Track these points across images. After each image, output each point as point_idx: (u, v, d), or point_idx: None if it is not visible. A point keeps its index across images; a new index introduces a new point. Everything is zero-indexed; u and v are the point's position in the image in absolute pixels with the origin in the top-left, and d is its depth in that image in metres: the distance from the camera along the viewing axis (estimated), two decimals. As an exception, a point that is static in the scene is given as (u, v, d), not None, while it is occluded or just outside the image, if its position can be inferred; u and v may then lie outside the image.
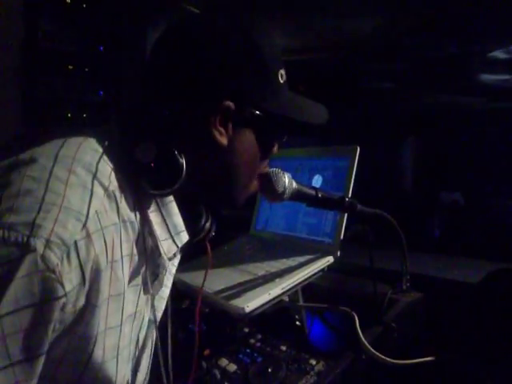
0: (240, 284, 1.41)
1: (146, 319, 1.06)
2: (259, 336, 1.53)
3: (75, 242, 0.78)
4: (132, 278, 0.94)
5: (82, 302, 0.81)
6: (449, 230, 2.79)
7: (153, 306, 1.06)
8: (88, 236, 0.80)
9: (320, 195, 1.30)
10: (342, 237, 1.49)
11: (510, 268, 1.52)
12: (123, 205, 0.90)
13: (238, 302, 1.31)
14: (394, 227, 1.49)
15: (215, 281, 1.45)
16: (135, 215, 0.94)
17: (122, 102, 3.45)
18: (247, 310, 1.27)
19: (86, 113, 3.40)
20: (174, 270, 1.13)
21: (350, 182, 1.51)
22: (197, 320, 1.14)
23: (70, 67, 3.47)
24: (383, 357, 1.31)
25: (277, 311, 1.57)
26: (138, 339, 1.05)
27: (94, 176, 0.86)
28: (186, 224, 1.04)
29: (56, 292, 0.75)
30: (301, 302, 1.58)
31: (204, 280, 1.18)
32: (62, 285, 0.75)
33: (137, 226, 0.94)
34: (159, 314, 1.11)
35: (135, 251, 0.94)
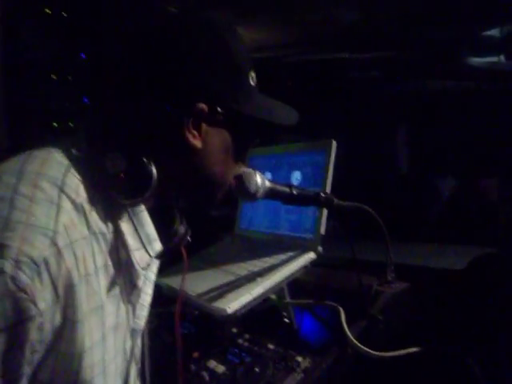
0: (223, 285, 1.41)
1: (129, 329, 1.05)
2: (247, 336, 1.53)
3: (45, 259, 0.76)
4: (109, 289, 0.93)
5: (58, 318, 0.80)
6: (433, 217, 2.79)
7: (134, 315, 1.05)
8: (58, 252, 0.79)
9: (295, 192, 1.30)
10: (322, 232, 1.49)
11: (493, 252, 1.52)
12: (93, 217, 0.89)
13: (220, 304, 1.31)
14: (375, 219, 1.49)
15: (199, 283, 1.45)
16: (107, 226, 0.92)
17: (88, 109, 3.44)
18: (229, 311, 1.28)
19: (72, 121, 3.40)
20: (153, 277, 1.11)
21: (327, 177, 1.50)
22: (176, 323, 1.13)
23: (53, 76, 3.47)
24: (368, 350, 1.31)
25: (264, 309, 1.57)
26: (124, 351, 1.03)
27: (61, 190, 0.85)
28: (160, 231, 1.03)
29: (29, 312, 0.74)
30: (287, 299, 1.58)
31: (182, 285, 1.17)
32: (35, 304, 0.74)
33: (109, 236, 0.93)
34: (142, 322, 1.10)
35: (109, 262, 0.93)
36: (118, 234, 0.95)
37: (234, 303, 1.29)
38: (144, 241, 0.98)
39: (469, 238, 1.92)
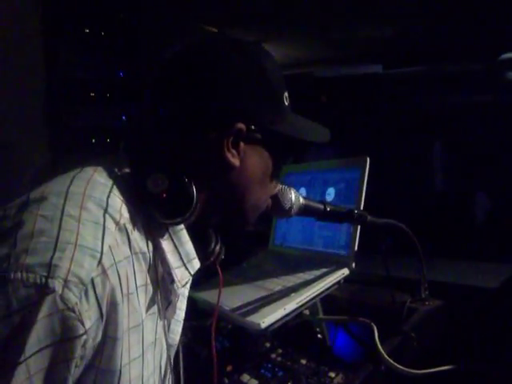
0: (257, 300, 1.43)
1: (165, 345, 1.07)
2: (280, 350, 1.54)
3: (92, 280, 0.79)
4: (149, 307, 0.96)
5: (99, 335, 0.82)
6: (468, 233, 2.76)
7: (169, 330, 1.08)
8: (103, 272, 0.81)
9: (328, 209, 1.32)
10: (356, 248, 1.50)
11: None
12: (134, 236, 0.91)
13: (254, 318, 1.33)
14: (409, 236, 1.50)
15: (233, 298, 1.47)
16: (147, 245, 0.95)
17: (130, 129, 3.51)
18: (263, 325, 1.29)
19: (110, 138, 3.47)
20: (186, 293, 1.13)
21: (361, 193, 1.52)
22: (212, 337, 1.15)
23: (92, 94, 3.55)
24: (401, 367, 1.31)
25: (298, 325, 1.59)
26: (160, 366, 1.06)
27: (105, 211, 0.87)
28: (196, 249, 1.04)
29: (77, 330, 0.76)
30: (321, 315, 1.59)
31: (218, 300, 1.19)
32: (82, 323, 0.77)
33: (148, 255, 0.95)
34: (177, 337, 1.13)
35: (149, 281, 0.95)
36: (157, 252, 0.97)
37: (268, 318, 1.31)
38: (184, 259, 1.00)
39: (504, 255, 1.90)
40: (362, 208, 1.50)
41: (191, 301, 1.48)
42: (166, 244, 0.98)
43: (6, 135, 2.98)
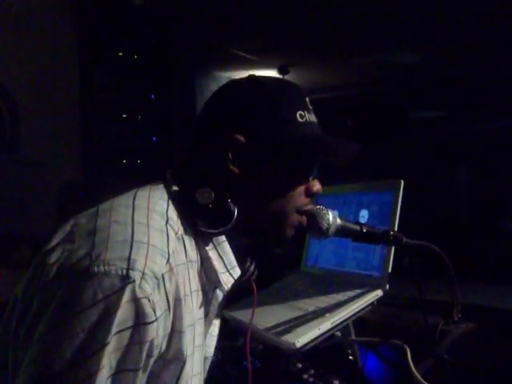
0: (290, 320, 1.45)
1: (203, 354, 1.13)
2: (312, 371, 1.55)
3: (162, 275, 0.90)
4: (198, 311, 1.05)
5: (168, 327, 0.92)
6: (501, 258, 2.75)
7: (205, 343, 1.15)
8: (171, 270, 0.92)
9: (365, 230, 1.34)
10: (390, 270, 1.51)
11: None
12: (188, 246, 1.02)
13: (288, 338, 1.35)
14: (443, 258, 1.50)
15: (266, 317, 1.49)
16: (196, 255, 1.04)
17: (174, 153, 3.58)
18: (298, 345, 1.31)
19: (140, 159, 3.54)
20: (220, 308, 1.21)
21: (395, 216, 1.53)
22: (247, 356, 1.18)
23: (124, 116, 3.64)
24: (435, 389, 1.32)
25: (329, 346, 1.59)
26: (201, 372, 1.11)
27: (167, 222, 0.99)
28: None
29: (150, 317, 0.86)
30: (352, 337, 1.60)
31: (252, 317, 1.22)
32: (154, 310, 0.87)
33: (197, 264, 1.05)
34: (211, 351, 1.21)
35: (199, 287, 1.05)
36: (204, 260, 1.06)
37: (302, 337, 1.33)
38: (227, 266, 1.08)
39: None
40: (396, 230, 1.51)
41: (223, 321, 1.51)
42: (212, 253, 1.07)
43: (43, 153, 3.07)
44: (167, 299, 0.91)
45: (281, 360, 1.60)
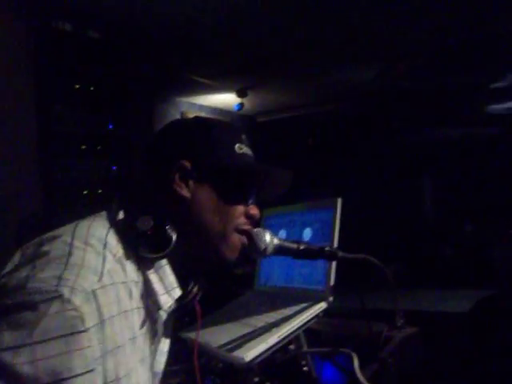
0: (241, 336, 1.53)
1: (152, 371, 1.22)
2: (268, 384, 1.63)
3: (93, 291, 0.97)
4: (141, 327, 1.12)
5: (102, 340, 0.97)
6: (450, 263, 2.87)
7: (155, 359, 1.24)
8: (103, 287, 0.99)
9: (302, 247, 1.43)
10: (332, 283, 1.60)
11: (495, 294, 1.62)
12: (129, 268, 1.10)
13: (238, 353, 1.43)
14: (381, 268, 1.60)
15: (220, 335, 1.58)
16: (138, 276, 1.13)
17: (123, 181, 3.64)
18: (247, 359, 1.39)
19: (101, 188, 3.59)
20: (170, 327, 1.30)
21: (334, 232, 1.63)
22: (196, 373, 1.26)
23: (83, 147, 3.69)
24: (379, 391, 1.41)
25: (285, 359, 1.68)
26: None
27: (105, 246, 1.07)
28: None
29: (79, 326, 0.92)
30: (305, 348, 1.68)
31: (197, 336, 1.31)
32: (83, 322, 0.93)
33: (140, 285, 1.13)
34: (161, 367, 1.29)
35: (142, 305, 1.13)
36: (146, 282, 1.15)
37: (251, 352, 1.41)
38: (167, 287, 1.17)
39: (474, 281, 2.01)
40: (336, 245, 1.61)
41: (183, 343, 1.60)
42: (152, 276, 1.15)
43: (2, 187, 3.09)
44: (100, 313, 0.97)
45: (239, 376, 1.68)
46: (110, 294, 1.01)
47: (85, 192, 3.53)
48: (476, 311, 1.63)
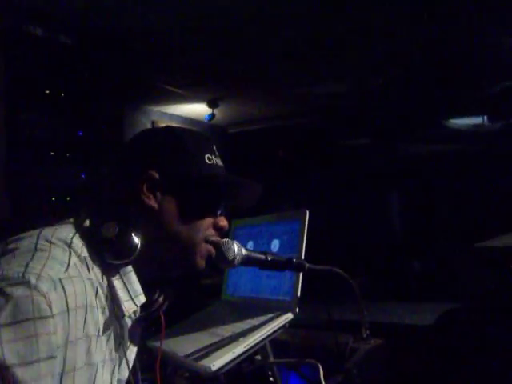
0: (208, 346, 1.53)
1: (115, 377, 1.21)
2: (235, 395, 1.63)
3: (60, 279, 0.98)
4: (105, 327, 1.11)
5: (67, 329, 0.98)
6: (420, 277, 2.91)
7: (120, 366, 1.22)
8: (70, 277, 1.01)
9: (269, 258, 1.44)
10: (299, 294, 1.62)
11: (457, 307, 1.65)
12: (94, 270, 1.10)
13: (205, 362, 1.43)
14: (347, 280, 1.63)
15: (187, 345, 1.58)
16: (103, 281, 1.12)
17: (91, 189, 3.62)
18: (213, 368, 1.40)
19: (70, 196, 3.56)
20: (137, 336, 1.28)
21: (302, 243, 1.65)
22: (159, 380, 1.27)
23: (52, 153, 3.65)
24: (343, 402, 1.43)
25: (251, 370, 1.69)
26: None
27: (69, 245, 1.08)
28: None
29: (47, 312, 0.93)
30: (271, 359, 1.69)
31: (160, 344, 1.32)
32: (51, 307, 0.94)
33: (105, 288, 1.12)
34: (125, 374, 1.26)
35: (106, 306, 1.12)
36: (111, 289, 1.14)
37: (218, 361, 1.42)
38: (132, 294, 1.17)
39: (438, 295, 2.05)
40: (303, 257, 1.62)
41: (150, 352, 1.59)
42: (117, 283, 1.15)
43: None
44: (66, 301, 0.98)
45: (207, 386, 1.68)
46: (76, 285, 1.01)
47: (53, 199, 3.49)
48: (440, 324, 1.66)
